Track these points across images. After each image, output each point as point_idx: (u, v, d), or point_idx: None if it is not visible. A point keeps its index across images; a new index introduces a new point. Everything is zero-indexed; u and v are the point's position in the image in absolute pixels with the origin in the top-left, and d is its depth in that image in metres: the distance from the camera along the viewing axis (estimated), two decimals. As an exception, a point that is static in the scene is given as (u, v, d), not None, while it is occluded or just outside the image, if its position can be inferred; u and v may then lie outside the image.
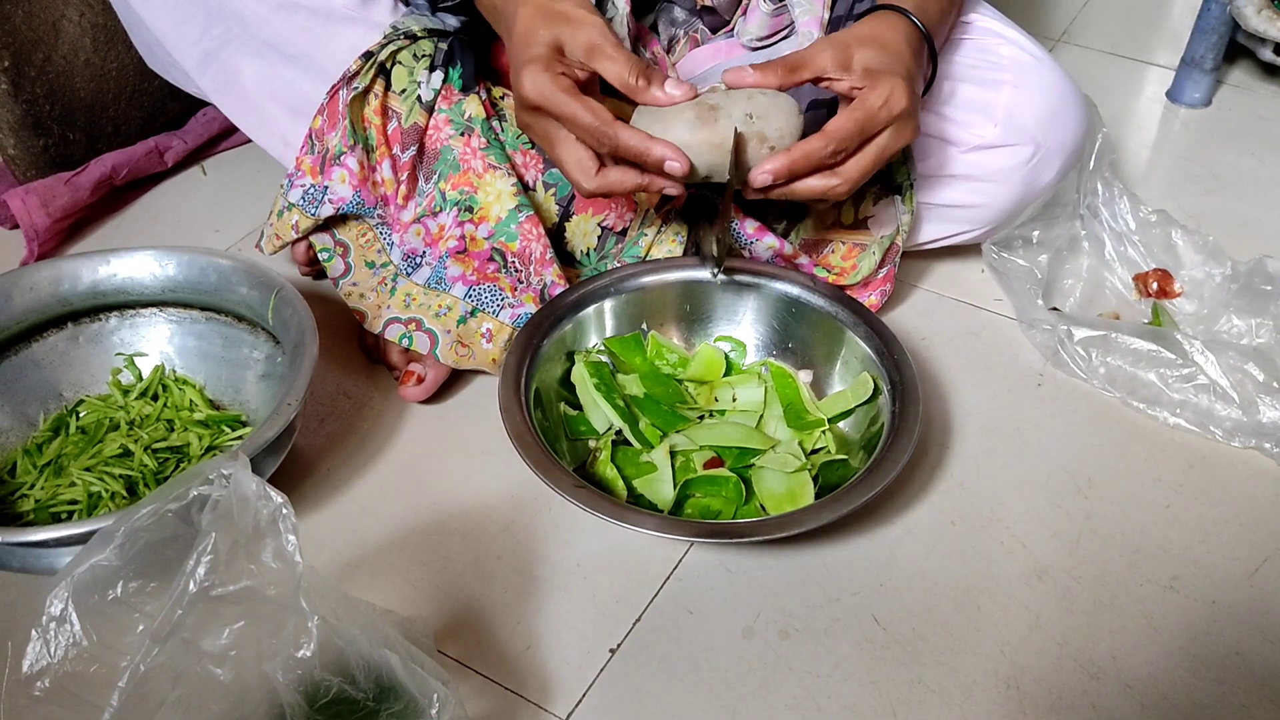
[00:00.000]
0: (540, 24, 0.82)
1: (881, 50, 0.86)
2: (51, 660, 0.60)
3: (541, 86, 0.82)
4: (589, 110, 0.82)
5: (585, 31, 0.81)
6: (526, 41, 0.82)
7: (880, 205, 1.06)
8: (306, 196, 1.01)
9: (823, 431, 0.94)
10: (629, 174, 0.85)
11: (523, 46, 0.83)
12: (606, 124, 0.82)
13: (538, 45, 0.82)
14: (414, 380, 0.99)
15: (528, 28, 0.83)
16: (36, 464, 0.90)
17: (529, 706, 0.78)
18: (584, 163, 0.85)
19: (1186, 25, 1.47)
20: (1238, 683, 0.81)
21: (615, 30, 1.00)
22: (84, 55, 1.22)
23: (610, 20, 1.01)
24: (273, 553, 0.59)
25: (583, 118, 0.82)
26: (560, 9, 0.83)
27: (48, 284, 0.95)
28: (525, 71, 0.82)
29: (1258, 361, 0.97)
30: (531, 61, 0.82)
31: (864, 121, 0.84)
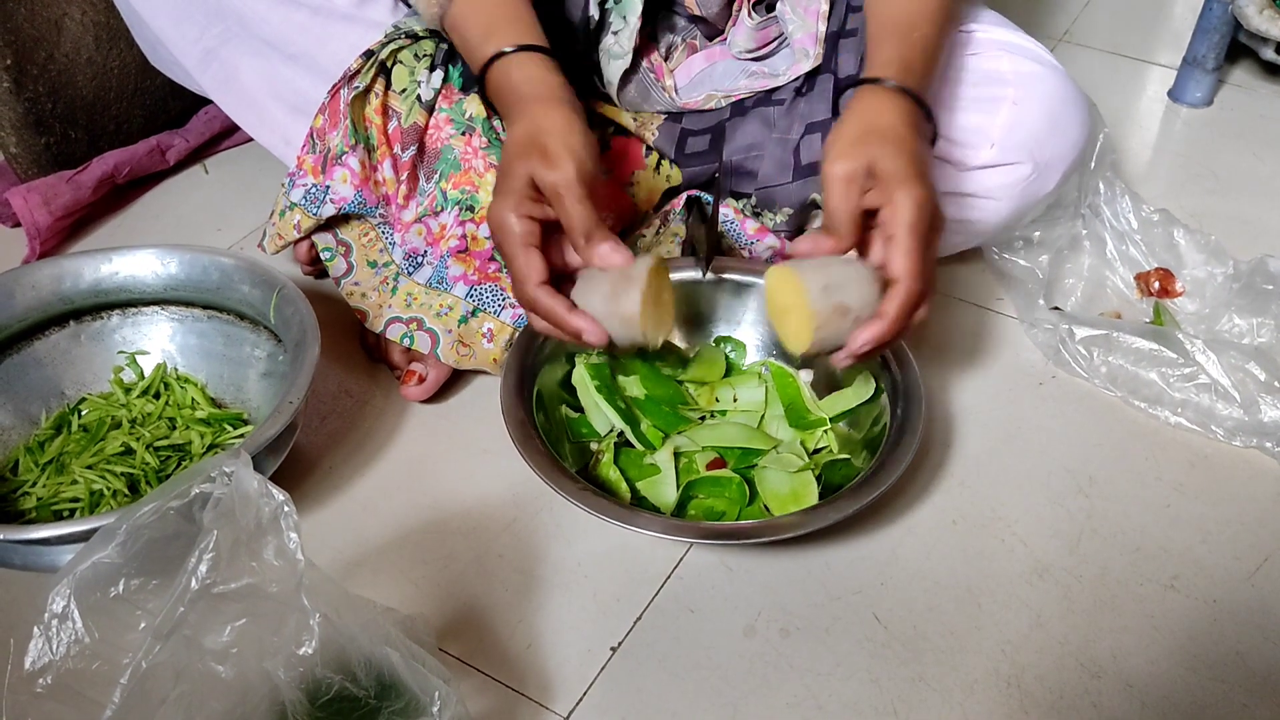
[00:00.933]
0: (519, 156, 0.83)
1: (886, 145, 0.83)
2: (54, 657, 0.60)
3: (503, 223, 0.82)
4: (525, 269, 0.82)
5: (555, 174, 0.81)
6: (507, 171, 0.83)
7: None
8: (308, 196, 1.01)
9: (825, 431, 0.94)
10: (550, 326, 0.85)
11: (502, 175, 0.84)
12: (531, 287, 0.82)
13: (514, 179, 0.82)
14: (415, 380, 1.00)
15: (509, 156, 0.84)
16: (38, 462, 0.90)
17: (530, 705, 0.78)
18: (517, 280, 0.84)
19: (1188, 25, 1.47)
20: (1238, 682, 0.81)
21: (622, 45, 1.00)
22: (86, 53, 1.22)
23: (616, 33, 1.01)
24: (274, 550, 0.59)
25: (516, 271, 0.83)
26: (542, 142, 0.82)
27: (50, 282, 0.95)
28: (496, 202, 0.83)
29: (1259, 361, 0.97)
30: (503, 195, 0.83)
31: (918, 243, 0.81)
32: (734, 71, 1.08)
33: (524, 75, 0.88)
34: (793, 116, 1.04)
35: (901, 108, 0.87)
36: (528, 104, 0.86)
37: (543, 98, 0.86)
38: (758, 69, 1.07)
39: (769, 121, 1.04)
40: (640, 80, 1.05)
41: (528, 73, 0.88)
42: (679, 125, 1.05)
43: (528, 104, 0.86)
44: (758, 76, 1.06)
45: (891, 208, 0.81)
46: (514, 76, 0.88)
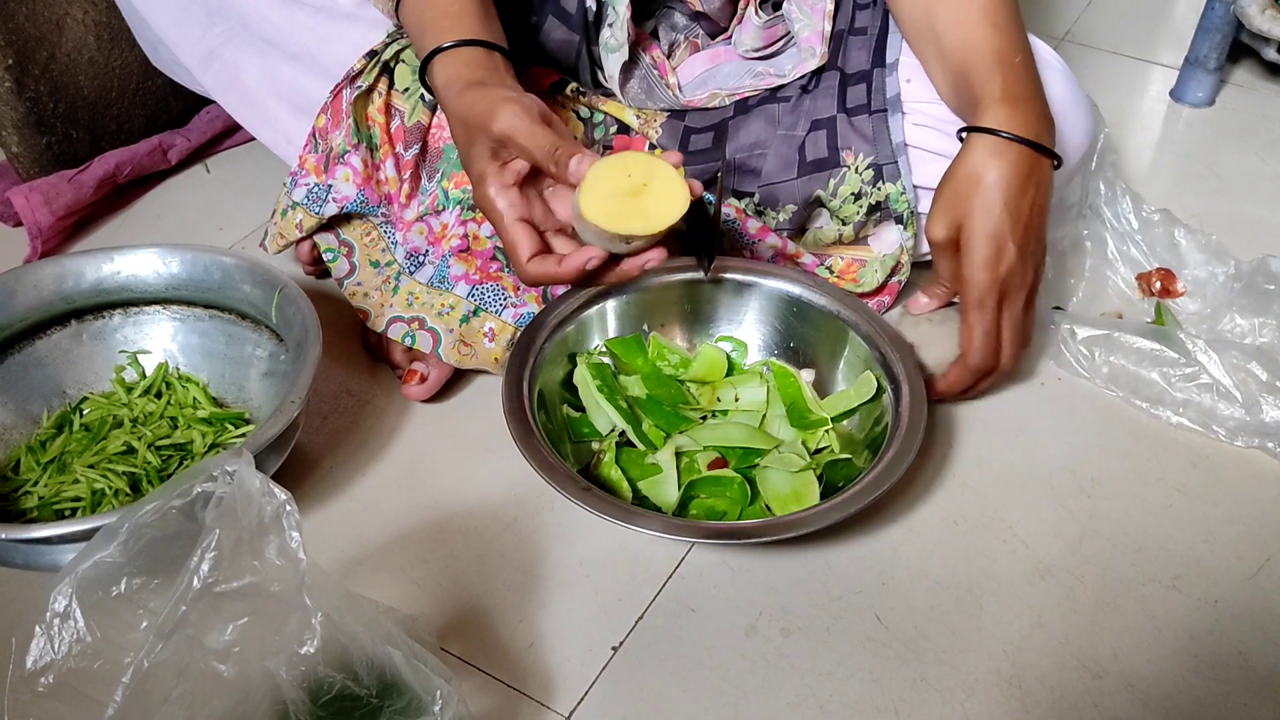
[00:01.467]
0: (466, 140, 0.83)
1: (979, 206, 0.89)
2: (55, 656, 0.60)
3: (485, 207, 0.83)
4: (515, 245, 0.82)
5: (498, 124, 0.80)
6: (466, 160, 0.85)
7: (881, 226, 1.05)
8: (311, 195, 1.01)
9: (826, 431, 0.94)
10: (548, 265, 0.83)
11: (466, 165, 0.85)
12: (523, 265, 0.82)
13: (476, 161, 0.83)
14: (417, 379, 1.00)
15: (462, 146, 0.85)
16: (40, 461, 0.90)
17: (531, 704, 0.78)
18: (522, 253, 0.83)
19: (1190, 25, 1.47)
20: (1240, 682, 0.81)
21: (617, 37, 1.00)
22: (88, 53, 1.22)
23: (610, 25, 1.01)
24: (276, 549, 0.59)
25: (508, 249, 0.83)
26: (475, 113, 0.82)
27: (51, 281, 0.95)
28: (475, 189, 0.84)
29: (1261, 361, 0.97)
30: (477, 180, 0.83)
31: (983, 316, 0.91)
32: (739, 72, 1.08)
33: (446, 77, 0.86)
34: (798, 113, 1.04)
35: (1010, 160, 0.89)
36: (452, 100, 0.85)
37: (465, 85, 0.85)
38: (763, 69, 1.07)
39: (773, 119, 1.04)
40: (644, 77, 1.05)
41: (450, 73, 0.86)
42: (682, 123, 1.05)
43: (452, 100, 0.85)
44: (763, 77, 1.06)
45: (966, 284, 0.91)
46: (437, 81, 0.87)
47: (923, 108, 1.01)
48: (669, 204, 0.80)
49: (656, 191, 0.80)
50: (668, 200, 0.80)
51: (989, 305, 0.90)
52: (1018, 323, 0.93)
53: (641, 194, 0.79)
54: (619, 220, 0.79)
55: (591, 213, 0.78)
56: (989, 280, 0.90)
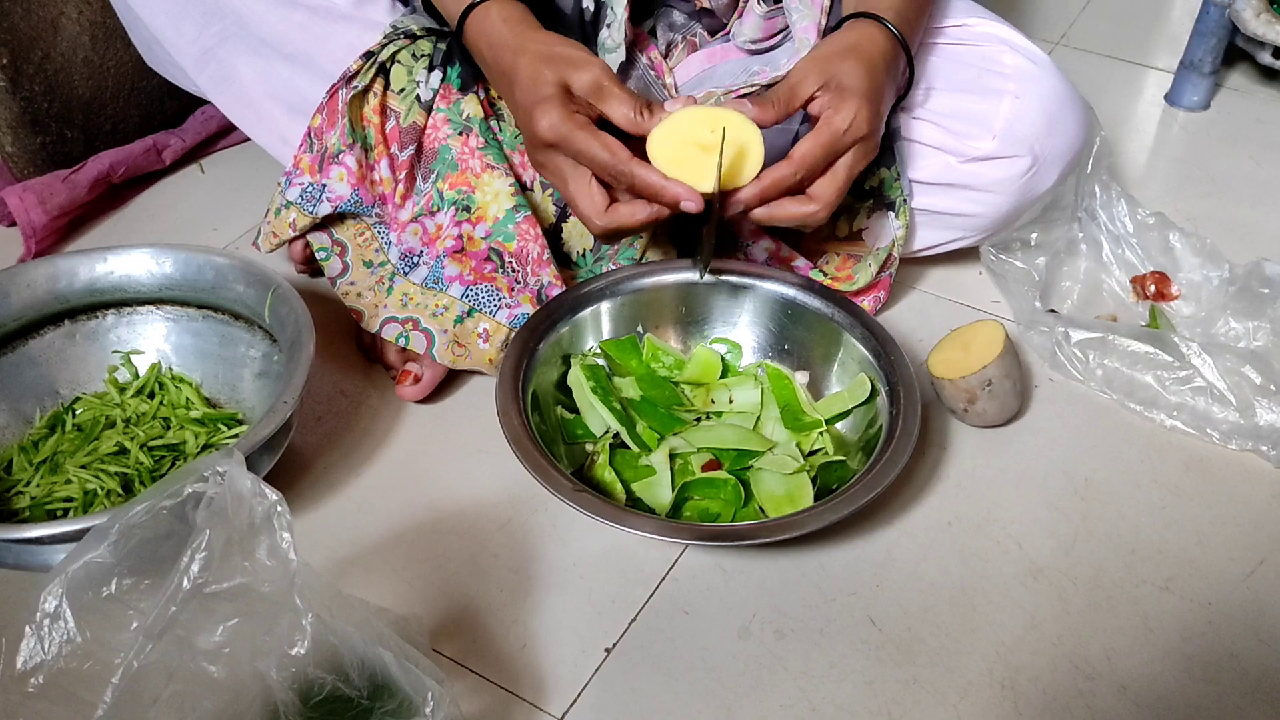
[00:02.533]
0: (545, 67, 0.84)
1: (858, 63, 0.88)
2: (45, 657, 0.60)
3: (557, 124, 0.84)
4: (606, 148, 0.84)
5: (589, 72, 0.83)
6: (534, 83, 0.84)
7: (874, 218, 1.05)
8: (304, 195, 1.01)
9: (820, 433, 0.94)
10: (640, 208, 0.86)
11: (531, 88, 0.85)
12: (624, 161, 0.84)
13: (547, 85, 0.84)
14: (411, 379, 0.99)
15: (532, 72, 0.85)
16: (32, 461, 0.90)
17: (524, 705, 0.78)
18: (596, 201, 0.87)
19: (1185, 28, 1.47)
20: (1233, 684, 0.81)
21: (614, 38, 1.00)
22: (82, 53, 1.22)
23: (609, 26, 1.01)
24: (267, 550, 0.59)
25: (600, 155, 0.84)
26: (561, 52, 0.85)
27: (45, 281, 0.95)
28: (539, 110, 0.84)
29: (1255, 364, 0.97)
30: (544, 100, 0.84)
31: (829, 145, 0.86)
32: (736, 70, 1.08)
33: (504, 15, 0.90)
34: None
35: (884, 43, 0.92)
36: (520, 36, 0.88)
37: (533, 26, 0.89)
38: (759, 67, 1.07)
39: None
40: (640, 77, 1.05)
41: (506, 12, 0.90)
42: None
43: (520, 36, 0.88)
44: (759, 74, 1.06)
45: (830, 112, 0.87)
46: (494, 17, 0.90)
47: (918, 98, 1.02)
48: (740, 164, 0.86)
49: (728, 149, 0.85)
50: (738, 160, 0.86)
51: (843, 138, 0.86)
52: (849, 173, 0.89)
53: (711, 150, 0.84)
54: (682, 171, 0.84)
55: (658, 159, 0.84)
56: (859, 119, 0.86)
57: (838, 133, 0.86)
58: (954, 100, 1.02)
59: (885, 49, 0.92)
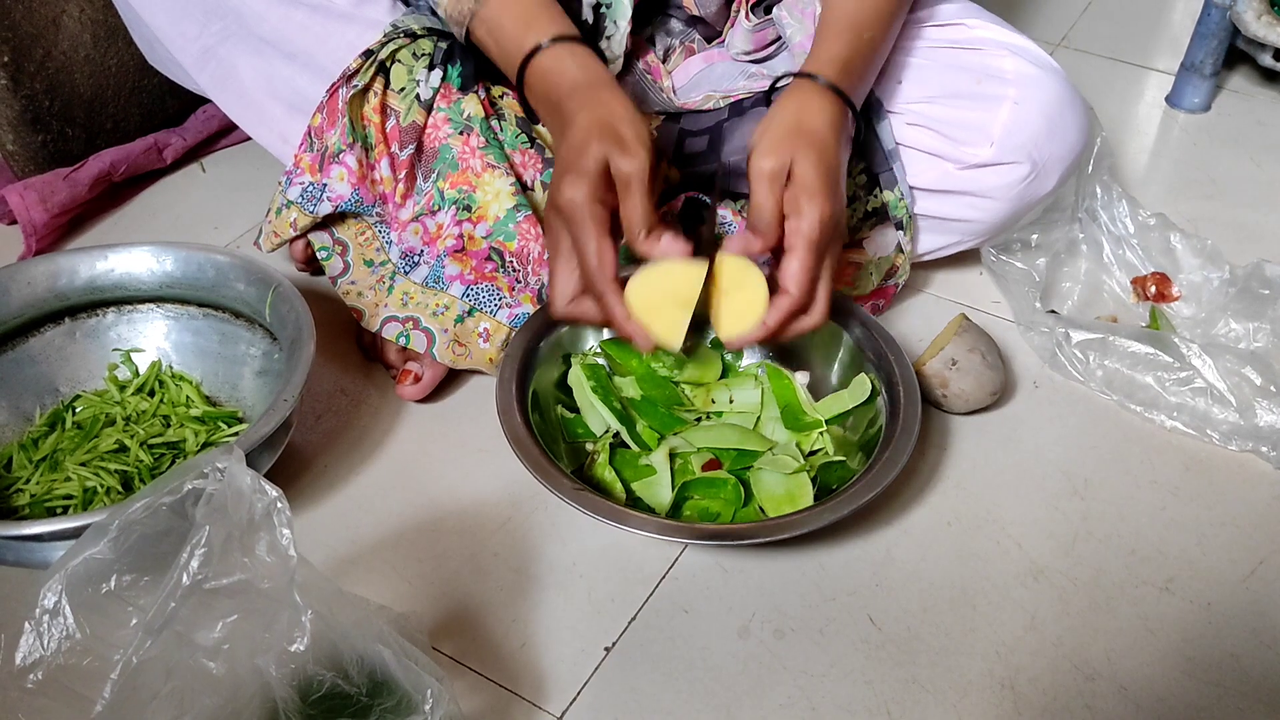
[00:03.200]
0: (596, 138, 0.83)
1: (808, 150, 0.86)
2: (44, 653, 0.60)
3: (578, 203, 0.83)
4: (598, 255, 0.83)
5: (631, 163, 0.83)
6: (581, 151, 0.84)
7: (876, 229, 1.05)
8: (305, 194, 1.01)
9: (820, 433, 0.94)
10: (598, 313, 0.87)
11: (576, 154, 0.84)
12: (602, 280, 0.84)
13: (591, 160, 0.83)
14: (411, 379, 0.99)
15: (584, 138, 0.84)
16: (32, 459, 0.90)
17: (523, 704, 0.78)
18: (568, 288, 0.87)
19: (1186, 30, 1.47)
20: (1233, 685, 0.81)
21: (614, 50, 1.00)
22: (84, 51, 1.22)
23: (609, 38, 1.01)
24: (267, 546, 0.59)
25: (589, 259, 0.83)
26: (619, 129, 0.84)
27: (45, 279, 0.95)
28: (569, 180, 0.83)
29: (1255, 365, 0.97)
30: (580, 175, 0.83)
31: (811, 260, 0.85)
32: (733, 73, 1.08)
33: (579, 62, 0.89)
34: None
35: (830, 109, 0.89)
36: (589, 89, 0.87)
37: (604, 83, 0.87)
38: (756, 70, 1.07)
39: None
40: (637, 82, 1.05)
41: (582, 60, 0.89)
42: (677, 126, 1.05)
43: (589, 89, 0.87)
44: (756, 78, 1.06)
45: (796, 219, 0.85)
46: (568, 63, 0.88)
47: (915, 107, 1.02)
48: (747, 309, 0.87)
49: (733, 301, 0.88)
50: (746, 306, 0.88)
51: (820, 246, 0.86)
52: (836, 265, 0.89)
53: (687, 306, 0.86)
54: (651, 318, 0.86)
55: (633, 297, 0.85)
56: (829, 216, 0.85)
57: (812, 243, 0.85)
58: (952, 107, 1.01)
59: (831, 117, 0.89)
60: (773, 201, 0.86)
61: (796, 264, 0.86)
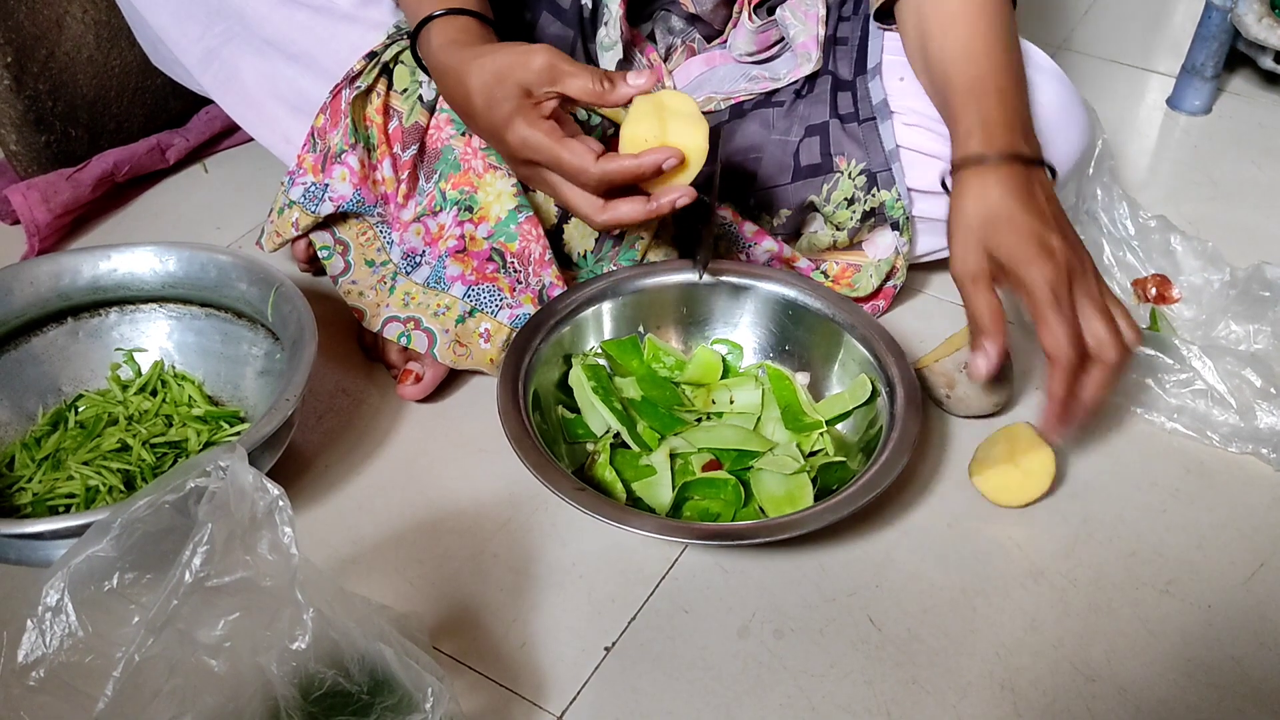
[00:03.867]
0: (495, 83, 0.83)
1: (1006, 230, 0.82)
2: (47, 650, 0.60)
3: (526, 137, 0.82)
4: (571, 152, 0.82)
5: (538, 59, 0.82)
6: (492, 101, 0.83)
7: (875, 231, 1.06)
8: (307, 194, 1.01)
9: (821, 433, 0.94)
10: (635, 205, 0.85)
11: (492, 107, 0.83)
12: (591, 163, 0.82)
13: (505, 101, 0.82)
14: (412, 379, 1.00)
15: (486, 93, 0.83)
16: (35, 458, 0.90)
17: (524, 704, 0.78)
18: (589, 199, 0.86)
19: (1187, 33, 1.47)
20: (1233, 688, 0.81)
21: (611, 35, 1.00)
22: (87, 52, 1.23)
23: (606, 24, 1.01)
24: (269, 544, 0.59)
25: (566, 160, 0.83)
26: (503, 60, 0.83)
27: (48, 279, 0.95)
28: (508, 130, 0.83)
29: (1255, 367, 0.97)
30: (509, 117, 0.82)
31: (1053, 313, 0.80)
32: (735, 75, 1.08)
33: (443, 40, 0.88)
34: (792, 118, 1.04)
35: (1004, 177, 0.85)
36: (461, 60, 0.86)
37: (468, 44, 0.87)
38: (758, 73, 1.07)
39: (768, 123, 1.05)
40: (640, 79, 1.05)
41: (447, 35, 0.88)
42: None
43: (461, 60, 0.86)
44: (758, 80, 1.07)
45: (1022, 292, 0.82)
46: (434, 43, 0.88)
47: (914, 104, 1.02)
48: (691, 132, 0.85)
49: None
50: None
51: (1061, 294, 0.80)
52: (1099, 302, 0.82)
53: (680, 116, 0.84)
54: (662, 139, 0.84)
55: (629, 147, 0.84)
56: (1050, 269, 0.80)
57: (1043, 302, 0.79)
58: None
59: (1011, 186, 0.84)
60: (988, 302, 0.82)
61: (1046, 327, 0.80)
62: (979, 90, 0.89)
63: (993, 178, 0.85)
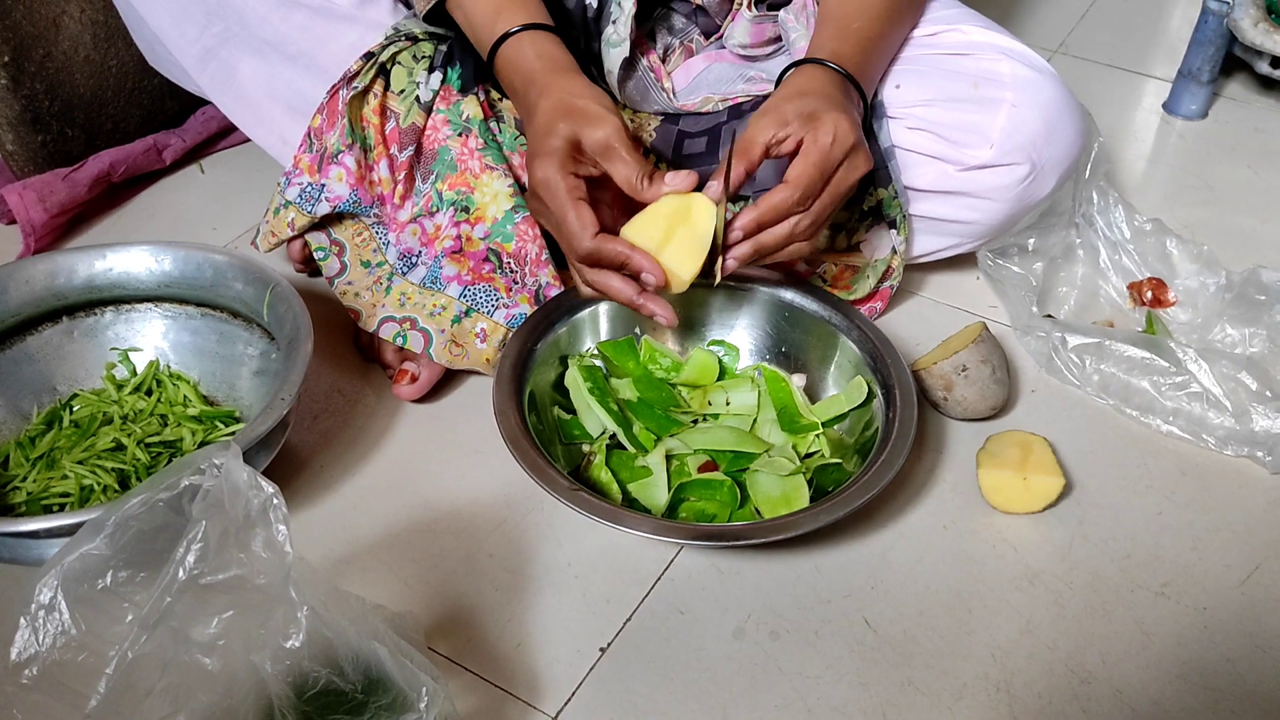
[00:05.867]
0: (560, 118, 0.85)
1: (811, 96, 0.89)
2: (40, 649, 0.60)
3: (551, 180, 0.85)
4: (577, 217, 0.84)
5: (602, 129, 0.84)
6: (546, 132, 0.86)
7: (873, 231, 1.06)
8: (303, 194, 1.01)
9: (816, 435, 0.94)
10: (624, 288, 0.86)
11: (542, 137, 0.86)
12: (589, 240, 0.84)
13: (556, 138, 0.85)
14: (408, 379, 0.99)
15: (548, 120, 0.86)
16: (29, 457, 0.90)
17: (518, 704, 0.78)
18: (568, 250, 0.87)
19: (1184, 38, 1.48)
20: (1228, 690, 0.81)
21: (619, 33, 1.00)
22: (84, 52, 1.22)
23: (614, 22, 1.01)
24: (263, 542, 0.59)
25: (570, 221, 0.85)
26: (581, 105, 0.86)
27: (43, 278, 0.95)
28: (539, 162, 0.85)
29: (1251, 370, 0.97)
30: (548, 155, 0.85)
31: (820, 162, 0.86)
32: (731, 75, 1.08)
33: (538, 50, 0.91)
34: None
35: (825, 75, 0.92)
36: (550, 75, 0.89)
37: (564, 69, 0.90)
38: (755, 74, 1.07)
39: None
40: (640, 79, 1.05)
41: (541, 48, 0.91)
42: (676, 127, 1.05)
43: (550, 75, 0.89)
44: (755, 82, 1.07)
45: (813, 133, 0.86)
46: (528, 53, 0.91)
47: (915, 111, 1.02)
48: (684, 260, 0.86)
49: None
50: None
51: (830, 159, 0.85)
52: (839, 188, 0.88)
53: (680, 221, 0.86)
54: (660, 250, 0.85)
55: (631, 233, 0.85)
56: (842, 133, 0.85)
57: (825, 148, 0.85)
58: (951, 111, 1.01)
59: (832, 82, 0.91)
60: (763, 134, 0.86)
61: (801, 161, 0.86)
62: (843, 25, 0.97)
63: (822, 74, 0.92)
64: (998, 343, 1.00)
